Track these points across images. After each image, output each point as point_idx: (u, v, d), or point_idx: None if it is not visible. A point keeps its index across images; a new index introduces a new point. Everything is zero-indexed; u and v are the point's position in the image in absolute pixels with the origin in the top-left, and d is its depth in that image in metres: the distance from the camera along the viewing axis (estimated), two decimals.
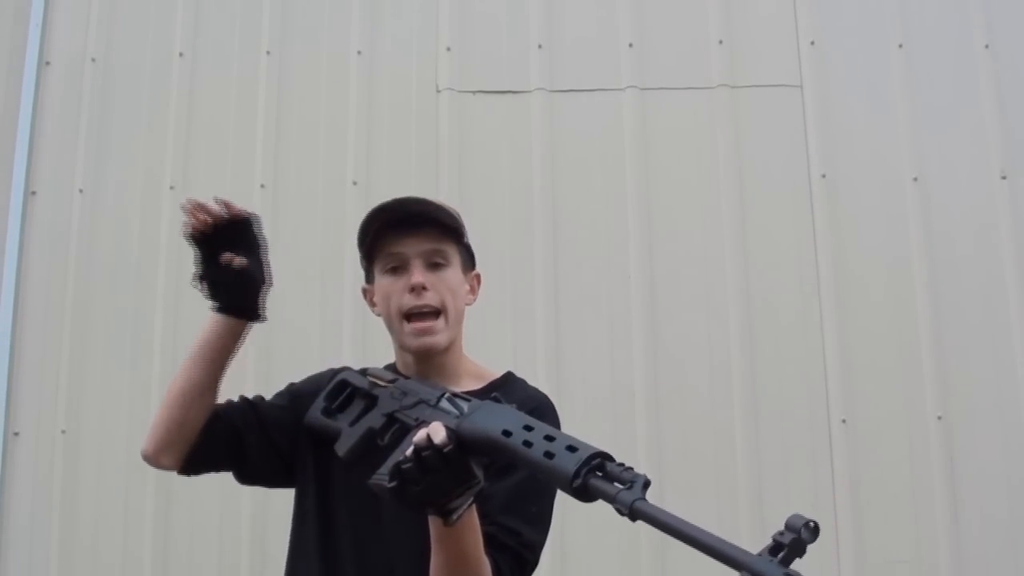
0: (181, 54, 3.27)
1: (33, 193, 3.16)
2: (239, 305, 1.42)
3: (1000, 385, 2.94)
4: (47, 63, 3.26)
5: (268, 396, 1.56)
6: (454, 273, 1.49)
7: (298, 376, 1.61)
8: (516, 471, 1.35)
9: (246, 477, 1.54)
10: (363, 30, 3.27)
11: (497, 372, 1.54)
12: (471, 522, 1.23)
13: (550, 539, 1.42)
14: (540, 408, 1.45)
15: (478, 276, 1.56)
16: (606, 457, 1.05)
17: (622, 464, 1.04)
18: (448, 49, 3.25)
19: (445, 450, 1.12)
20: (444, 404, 1.26)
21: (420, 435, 1.14)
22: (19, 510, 2.94)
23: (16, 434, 2.99)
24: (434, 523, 1.22)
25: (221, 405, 1.48)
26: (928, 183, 3.09)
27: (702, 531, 0.93)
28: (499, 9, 3.28)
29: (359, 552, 1.41)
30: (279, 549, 1.51)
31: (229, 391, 1.51)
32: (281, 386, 1.60)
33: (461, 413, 1.20)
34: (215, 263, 1.39)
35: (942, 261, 3.02)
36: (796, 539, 0.87)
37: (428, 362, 1.47)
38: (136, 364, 3.02)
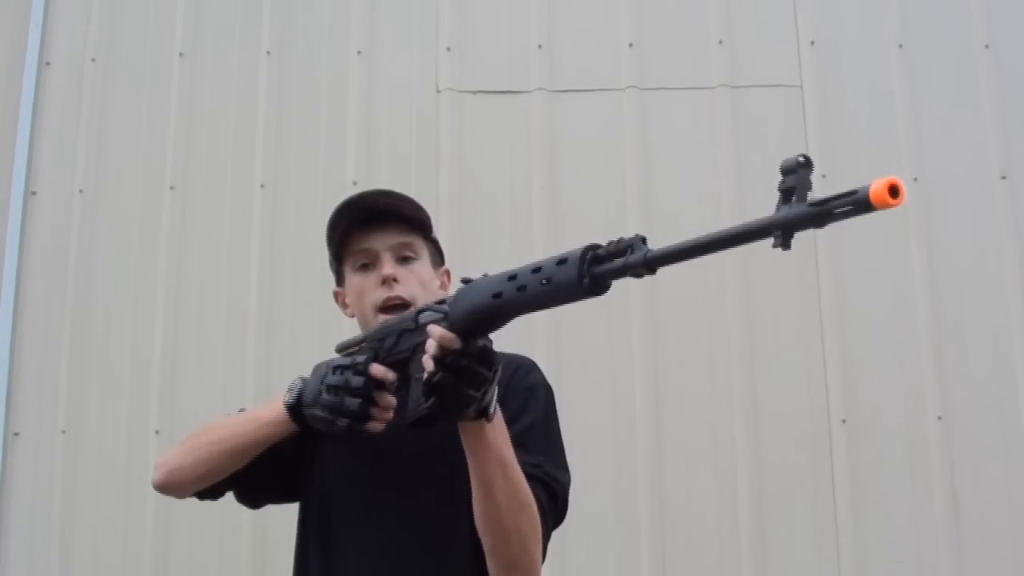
0: (181, 54, 3.27)
1: (33, 193, 3.16)
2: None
3: (1000, 385, 2.94)
4: (47, 63, 3.26)
5: (265, 399, 1.56)
6: (424, 266, 1.48)
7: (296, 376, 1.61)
8: (515, 423, 1.34)
9: (251, 499, 1.54)
10: (363, 30, 3.27)
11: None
12: (501, 427, 1.23)
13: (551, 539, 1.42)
14: (524, 367, 1.46)
15: (448, 272, 1.56)
16: (594, 247, 1.05)
17: (611, 241, 1.04)
18: (448, 49, 3.24)
19: (463, 348, 1.13)
20: (424, 317, 1.25)
21: (431, 346, 1.14)
22: (19, 510, 2.94)
23: (16, 434, 2.99)
24: (470, 435, 1.21)
25: None
26: (928, 183, 3.09)
27: (718, 232, 0.95)
28: (499, 9, 3.28)
29: (359, 553, 1.41)
30: (279, 549, 1.51)
31: (229, 392, 1.51)
32: (281, 386, 1.59)
33: (445, 312, 1.19)
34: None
35: (942, 261, 3.02)
36: (799, 177, 0.88)
37: None
38: (136, 364, 3.02)
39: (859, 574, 2.83)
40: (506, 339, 3.28)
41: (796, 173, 0.88)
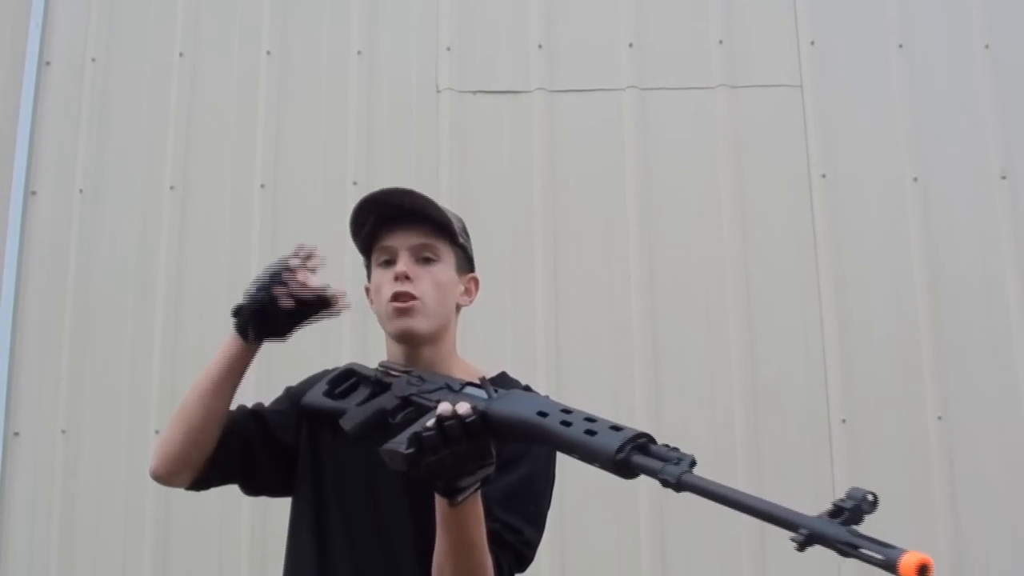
0: (181, 54, 3.27)
1: (33, 193, 3.16)
2: (271, 335, 1.44)
3: (1000, 385, 2.94)
4: (47, 63, 3.26)
5: (266, 398, 1.56)
6: (443, 270, 1.49)
7: (297, 376, 1.61)
8: (515, 469, 1.35)
9: (253, 489, 1.54)
10: (363, 30, 3.27)
11: (491, 372, 1.53)
12: (476, 509, 1.24)
13: (550, 538, 1.42)
14: None
15: (475, 279, 1.56)
16: (651, 439, 1.06)
17: (667, 445, 1.05)
18: (448, 49, 3.24)
19: (467, 420, 1.13)
20: (470, 390, 1.27)
21: (444, 407, 1.15)
22: (19, 510, 2.94)
23: (16, 434, 2.99)
24: (440, 505, 1.23)
25: (229, 417, 1.48)
26: (928, 183, 3.09)
27: (753, 497, 0.95)
28: (499, 9, 3.28)
29: (354, 551, 1.42)
30: (279, 549, 1.51)
31: None
32: (280, 386, 1.60)
33: (490, 397, 1.20)
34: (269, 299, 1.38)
35: (942, 261, 3.02)
36: (856, 508, 0.90)
37: (416, 354, 1.47)
38: (136, 364, 3.02)
39: (859, 574, 2.82)
40: (506, 337, 3.27)
41: (858, 503, 0.90)
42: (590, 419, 1.09)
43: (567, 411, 1.11)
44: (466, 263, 1.55)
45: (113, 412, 3.00)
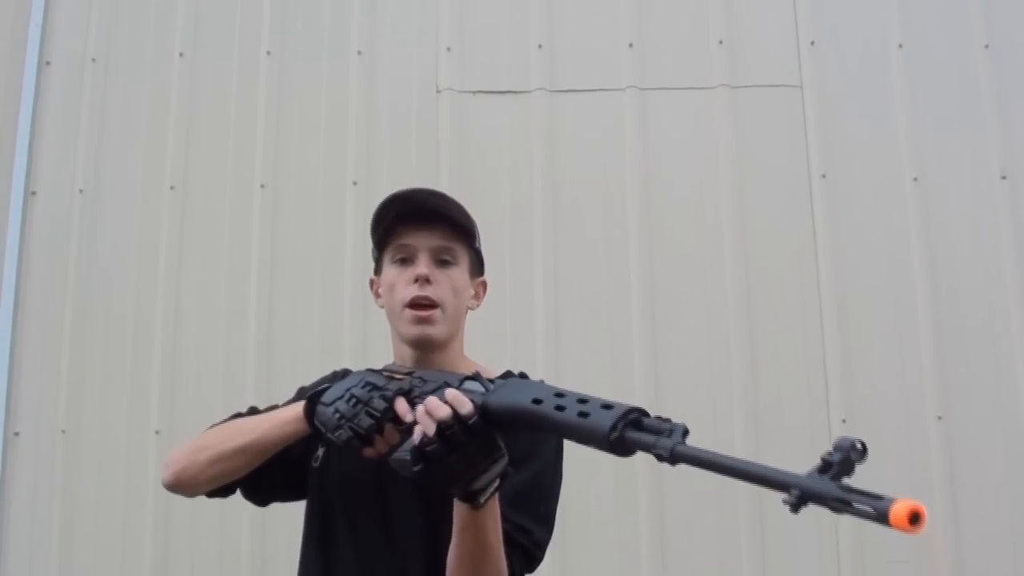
0: (181, 54, 3.27)
1: (33, 193, 3.16)
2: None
3: (1000, 385, 2.94)
4: (47, 63, 3.26)
5: (267, 396, 1.56)
6: (460, 274, 1.48)
7: (298, 376, 1.61)
8: (523, 469, 1.35)
9: (261, 500, 1.54)
10: (363, 30, 3.27)
11: (497, 371, 1.53)
12: (494, 513, 1.23)
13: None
14: None
15: (484, 283, 1.56)
16: (643, 412, 1.05)
17: (659, 417, 1.04)
18: (448, 49, 3.25)
19: (470, 422, 1.12)
20: (468, 384, 1.25)
21: (443, 413, 1.13)
22: (19, 510, 2.94)
23: (16, 434, 2.99)
24: (459, 510, 1.22)
25: None
26: (928, 183, 3.09)
27: (745, 462, 0.94)
28: (499, 9, 3.28)
29: (360, 554, 1.41)
30: (279, 549, 1.52)
31: (229, 392, 1.51)
32: (281, 386, 1.60)
33: (487, 390, 1.20)
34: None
35: (942, 261, 3.02)
36: (846, 459, 0.87)
37: (426, 356, 1.46)
38: (136, 364, 3.02)
39: (859, 574, 2.83)
40: (506, 337, 3.27)
41: (846, 453, 0.87)
42: (582, 400, 1.09)
43: (560, 395, 1.11)
44: (478, 266, 1.55)
45: (113, 412, 3.00)
